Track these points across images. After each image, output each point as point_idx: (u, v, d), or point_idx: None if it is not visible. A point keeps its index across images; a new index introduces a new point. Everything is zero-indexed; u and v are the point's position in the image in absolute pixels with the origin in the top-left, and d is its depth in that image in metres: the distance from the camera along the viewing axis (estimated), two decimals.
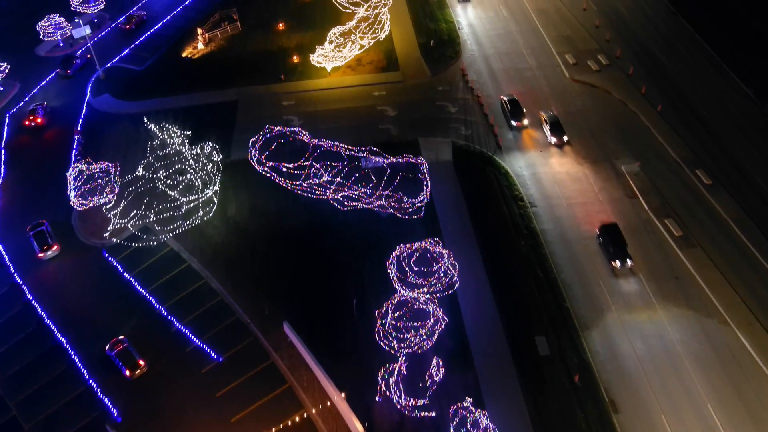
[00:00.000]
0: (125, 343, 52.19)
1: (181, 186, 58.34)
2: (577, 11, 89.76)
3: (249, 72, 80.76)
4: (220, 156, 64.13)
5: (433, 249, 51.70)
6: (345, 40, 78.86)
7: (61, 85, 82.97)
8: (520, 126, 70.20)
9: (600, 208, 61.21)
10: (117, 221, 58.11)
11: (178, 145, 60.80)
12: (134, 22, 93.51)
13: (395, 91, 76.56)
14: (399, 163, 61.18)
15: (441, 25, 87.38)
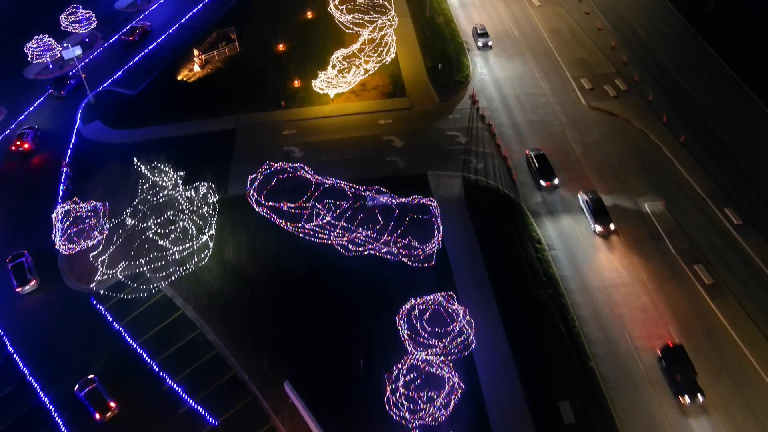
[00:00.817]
0: (95, 382, 49.06)
1: (173, 235, 54.14)
2: (591, 31, 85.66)
3: (248, 97, 76.65)
4: (216, 196, 59.91)
5: (446, 305, 47.58)
6: (349, 64, 74.76)
7: (54, 107, 78.84)
8: (549, 186, 63.23)
9: (623, 251, 57.11)
10: (104, 271, 53.89)
11: (170, 188, 56.51)
12: (138, 33, 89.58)
13: (402, 119, 72.44)
14: (408, 204, 57.05)
15: (449, 46, 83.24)
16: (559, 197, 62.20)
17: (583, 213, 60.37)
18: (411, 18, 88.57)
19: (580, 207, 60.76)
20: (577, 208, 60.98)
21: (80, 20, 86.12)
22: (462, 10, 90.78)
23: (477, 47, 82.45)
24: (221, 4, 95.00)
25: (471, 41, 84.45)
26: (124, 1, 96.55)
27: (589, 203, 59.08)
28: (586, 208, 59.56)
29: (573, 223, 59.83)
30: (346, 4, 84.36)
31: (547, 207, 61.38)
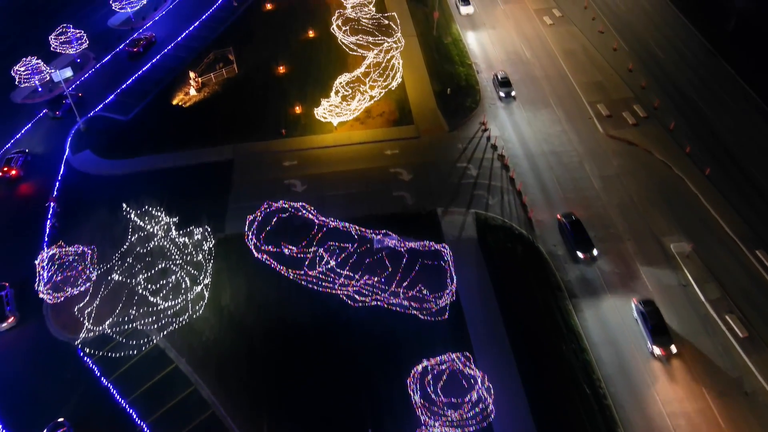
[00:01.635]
0: (65, 426, 45.79)
1: (165, 290, 50.06)
2: (606, 51, 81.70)
3: (246, 124, 72.67)
4: (212, 241, 55.86)
5: (463, 368, 43.58)
6: (353, 90, 70.75)
7: (48, 128, 74.95)
8: (587, 259, 55.91)
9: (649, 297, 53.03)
10: (90, 327, 49.81)
11: (161, 236, 52.48)
12: (142, 44, 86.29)
13: (410, 150, 68.44)
14: (419, 249, 53.05)
15: (458, 69, 79.25)
16: (599, 272, 56.64)
17: None
18: (418, 38, 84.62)
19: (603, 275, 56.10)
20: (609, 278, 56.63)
21: (71, 40, 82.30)
22: (471, 30, 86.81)
23: (499, 97, 74.25)
24: (219, 22, 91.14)
25: (481, 63, 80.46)
26: (117, 19, 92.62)
27: (645, 317, 49.57)
28: (641, 321, 50.41)
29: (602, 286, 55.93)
30: (350, 24, 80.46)
31: (585, 285, 56.16)
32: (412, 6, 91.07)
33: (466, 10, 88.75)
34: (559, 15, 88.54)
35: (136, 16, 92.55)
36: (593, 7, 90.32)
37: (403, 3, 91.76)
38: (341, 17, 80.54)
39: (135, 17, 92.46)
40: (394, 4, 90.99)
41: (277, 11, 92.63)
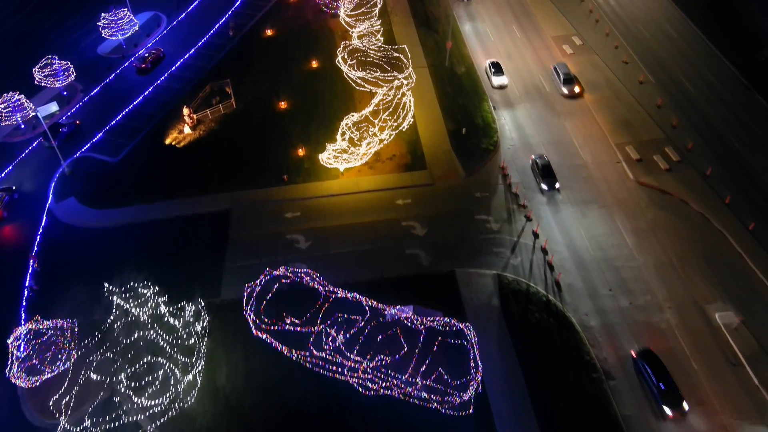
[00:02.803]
0: None
1: (151, 388, 44.18)
2: (632, 85, 75.99)
3: (245, 168, 66.93)
4: (206, 317, 50.07)
5: None
6: (361, 133, 64.98)
7: (41, 161, 69.32)
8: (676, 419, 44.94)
9: (696, 381, 47.36)
10: (67, 425, 43.93)
11: (147, 323, 46.56)
12: (149, 60, 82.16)
13: (423, 199, 62.71)
14: (438, 328, 47.26)
15: (472, 103, 73.56)
16: None
17: None
18: (429, 69, 78.87)
19: None
20: None
21: (56, 73, 76.53)
22: (485, 59, 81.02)
23: (540, 190, 63.05)
24: (215, 50, 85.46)
25: (498, 98, 74.76)
26: (107, 46, 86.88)
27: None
28: None
29: None
30: (356, 56, 74.72)
31: (623, 363, 51.34)
32: (422, 33, 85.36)
33: None
34: (580, 43, 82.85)
35: (128, 43, 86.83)
36: (615, 34, 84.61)
37: (412, 30, 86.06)
38: (347, 49, 74.81)
39: (126, 44, 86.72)
40: (403, 32, 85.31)
41: (278, 37, 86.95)
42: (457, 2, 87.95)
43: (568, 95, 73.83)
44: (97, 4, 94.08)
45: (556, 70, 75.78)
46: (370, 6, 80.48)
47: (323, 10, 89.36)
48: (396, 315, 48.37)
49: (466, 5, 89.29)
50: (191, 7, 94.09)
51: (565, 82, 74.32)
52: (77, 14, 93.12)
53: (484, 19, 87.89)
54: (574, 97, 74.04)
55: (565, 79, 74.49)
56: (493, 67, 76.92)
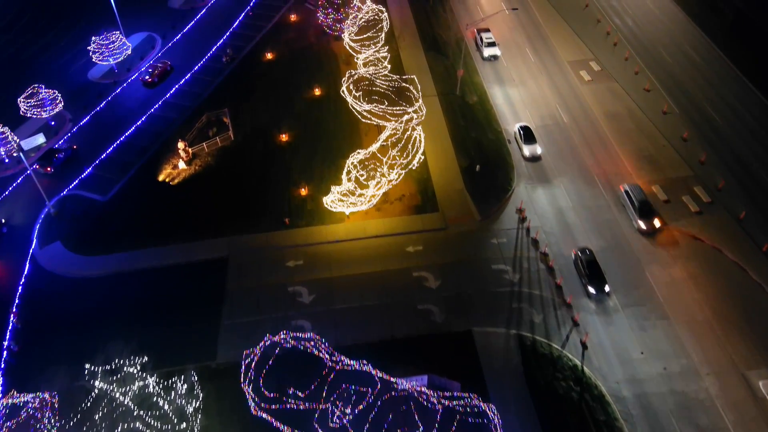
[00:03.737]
0: None
1: None
2: (655, 115, 71.44)
3: (243, 209, 62.39)
4: (200, 394, 45.44)
5: None
6: (368, 173, 60.39)
7: (35, 190, 64.69)
8: None
9: None
10: None
11: (134, 407, 41.91)
12: (156, 74, 78.83)
13: (435, 245, 58.15)
14: (457, 408, 42.65)
15: (486, 136, 69.06)
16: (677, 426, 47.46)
17: None
18: (438, 98, 74.28)
19: None
20: None
21: (43, 103, 71.89)
22: (498, 86, 76.53)
23: (589, 296, 53.81)
24: (213, 75, 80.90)
25: (512, 129, 70.21)
26: (98, 71, 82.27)
27: None
28: None
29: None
30: (362, 86, 70.13)
31: None
32: (431, 58, 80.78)
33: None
34: (598, 69, 78.28)
35: (120, 68, 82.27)
36: (635, 58, 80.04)
37: (420, 54, 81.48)
38: (352, 78, 70.24)
39: (119, 68, 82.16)
40: (411, 57, 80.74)
41: (279, 61, 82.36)
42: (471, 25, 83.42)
43: (646, 231, 57.72)
44: (88, 24, 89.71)
45: (629, 194, 59.47)
46: (375, 30, 75.92)
47: (326, 32, 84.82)
48: (409, 389, 43.79)
49: (476, 25, 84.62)
50: (187, 27, 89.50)
51: (641, 214, 57.91)
52: (67, 35, 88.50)
53: (496, 42, 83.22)
54: (653, 233, 58.50)
55: (642, 209, 58.19)
56: (523, 133, 67.13)
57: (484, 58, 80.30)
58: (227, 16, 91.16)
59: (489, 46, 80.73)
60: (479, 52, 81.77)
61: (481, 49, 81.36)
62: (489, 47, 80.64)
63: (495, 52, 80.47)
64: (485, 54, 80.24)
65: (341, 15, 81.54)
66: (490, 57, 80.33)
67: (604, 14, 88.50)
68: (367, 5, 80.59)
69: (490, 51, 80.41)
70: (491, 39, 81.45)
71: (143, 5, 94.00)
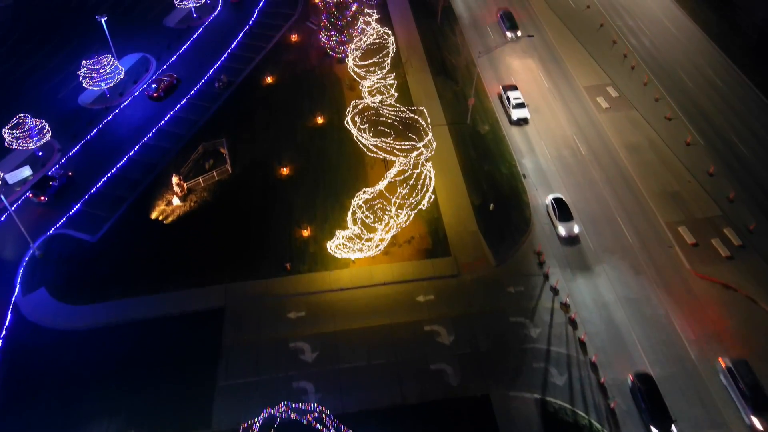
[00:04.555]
0: None
1: None
2: (679, 147, 67.42)
3: (242, 252, 58.33)
4: None
5: None
6: (375, 213, 56.36)
7: (29, 220, 60.90)
8: None
9: None
10: None
11: None
12: (162, 89, 75.93)
13: (448, 294, 54.10)
14: None
15: (499, 169, 65.05)
16: None
17: None
18: (448, 128, 70.17)
19: None
20: None
21: (30, 133, 67.82)
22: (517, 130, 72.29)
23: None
24: (209, 100, 76.78)
25: (527, 163, 66.14)
26: (89, 96, 78.17)
27: None
28: None
29: None
30: (367, 114, 66.13)
31: None
32: (439, 83, 76.62)
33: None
34: (616, 95, 74.19)
35: (112, 93, 78.18)
36: (655, 84, 75.99)
37: (428, 79, 77.28)
38: (356, 108, 66.15)
39: (111, 93, 78.07)
40: (418, 82, 76.55)
41: (280, 85, 78.24)
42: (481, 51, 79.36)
43: None
44: (80, 44, 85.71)
45: (733, 374, 46.66)
46: (381, 56, 71.84)
47: (329, 54, 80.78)
48: None
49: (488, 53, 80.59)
50: (183, 48, 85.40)
51: (755, 408, 44.86)
52: (57, 56, 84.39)
53: (508, 66, 79.20)
54: None
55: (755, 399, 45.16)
56: (557, 208, 58.59)
57: (513, 121, 69.97)
58: (225, 35, 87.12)
59: (518, 107, 70.15)
60: (506, 113, 71.88)
61: (508, 110, 71.01)
62: (518, 109, 70.05)
63: (524, 114, 69.69)
64: (514, 117, 69.54)
65: (345, 37, 77.55)
66: (519, 120, 69.80)
67: (619, 34, 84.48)
68: (372, 26, 76.55)
69: (519, 113, 69.69)
70: (520, 99, 70.58)
71: (137, 23, 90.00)
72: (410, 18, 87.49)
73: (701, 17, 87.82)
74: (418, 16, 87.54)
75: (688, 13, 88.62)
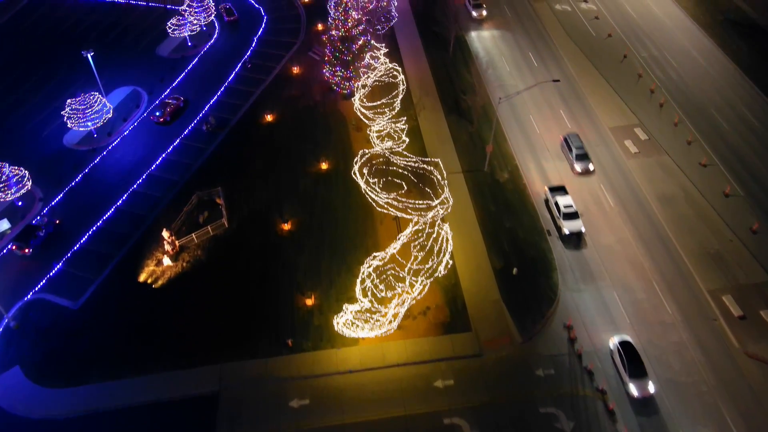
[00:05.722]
0: None
1: None
2: (717, 198, 61.74)
3: (239, 325, 52.62)
4: None
5: None
6: (388, 284, 50.65)
7: (8, 281, 55.29)
8: None
9: None
10: None
11: None
12: (168, 113, 71.80)
13: (469, 378, 48.36)
14: None
15: (521, 225, 59.34)
16: None
17: None
18: (463, 175, 64.49)
19: None
20: None
21: (8, 183, 62.18)
22: (532, 160, 66.64)
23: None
24: (204, 141, 71.09)
25: (550, 221, 60.42)
26: (75, 136, 72.48)
27: None
28: None
29: None
30: (375, 162, 60.45)
31: None
32: (452, 123, 70.91)
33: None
34: (645, 138, 68.47)
35: (100, 132, 72.49)
36: (686, 124, 70.28)
37: (440, 118, 71.58)
38: (365, 157, 60.49)
39: (98, 133, 72.37)
40: (430, 123, 70.84)
41: (280, 124, 72.57)
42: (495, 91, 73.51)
43: None
44: (66, 76, 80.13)
45: None
46: (391, 96, 66.15)
47: (333, 89, 75.12)
48: None
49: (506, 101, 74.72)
50: (176, 81, 79.70)
51: None
52: (40, 91, 78.67)
53: (525, 102, 73.51)
54: None
55: None
56: (626, 358, 47.33)
57: (564, 235, 57.86)
58: (222, 66, 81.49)
59: (569, 218, 57.76)
60: (554, 221, 59.61)
61: (558, 220, 58.51)
62: (570, 220, 57.68)
63: (578, 227, 57.29)
64: (566, 229, 57.30)
65: (351, 72, 71.85)
66: (571, 234, 57.79)
67: (644, 67, 78.76)
68: (380, 60, 70.82)
69: (571, 225, 57.41)
70: (571, 207, 57.79)
71: (128, 52, 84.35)
72: (420, 50, 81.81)
73: (731, 46, 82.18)
74: (429, 48, 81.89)
75: (717, 41, 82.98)
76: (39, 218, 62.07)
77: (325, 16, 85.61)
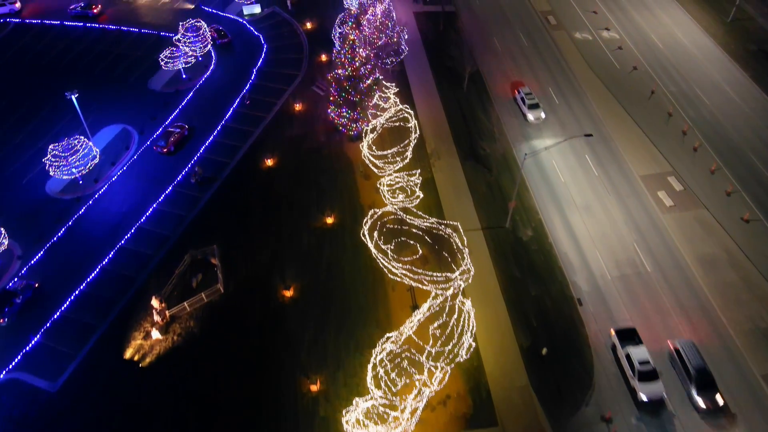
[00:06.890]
0: None
1: None
2: (764, 261, 55.85)
3: (235, 414, 46.80)
4: None
5: None
6: (404, 372, 44.83)
7: None
8: None
9: None
10: None
11: None
12: (172, 142, 67.79)
13: None
14: None
15: (549, 293, 53.55)
16: None
17: None
18: (483, 233, 58.63)
19: None
20: None
21: None
22: (557, 215, 60.77)
23: None
24: (198, 190, 65.37)
25: (579, 279, 54.61)
26: (58, 185, 66.80)
27: None
28: None
29: None
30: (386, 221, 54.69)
31: None
32: (468, 170, 65.01)
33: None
34: (680, 188, 62.65)
35: (86, 179, 66.77)
36: (724, 171, 64.48)
37: (455, 165, 65.66)
38: (374, 216, 54.73)
39: (84, 180, 66.66)
40: (444, 170, 64.89)
41: (281, 169, 66.82)
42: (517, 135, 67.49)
43: None
44: (50, 113, 74.50)
45: None
46: (403, 145, 60.40)
47: (339, 130, 69.39)
48: None
49: (522, 127, 68.83)
50: (169, 119, 73.94)
51: None
52: (22, 131, 73.00)
53: (545, 143, 67.73)
54: None
55: None
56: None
57: (640, 401, 45.64)
58: (219, 102, 75.78)
59: (646, 378, 45.49)
60: (624, 377, 47.35)
61: (631, 381, 46.32)
62: (647, 382, 45.39)
63: (659, 392, 45.21)
64: (642, 394, 45.20)
65: (358, 114, 66.09)
66: (649, 401, 45.40)
67: (674, 104, 72.96)
68: (390, 101, 65.07)
69: (649, 390, 45.22)
70: (649, 365, 45.89)
71: (117, 85, 78.66)
72: (432, 85, 75.93)
73: (765, 79, 76.39)
74: (442, 85, 75.99)
75: (751, 75, 77.18)
76: (17, 281, 56.52)
77: (329, 45, 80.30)
